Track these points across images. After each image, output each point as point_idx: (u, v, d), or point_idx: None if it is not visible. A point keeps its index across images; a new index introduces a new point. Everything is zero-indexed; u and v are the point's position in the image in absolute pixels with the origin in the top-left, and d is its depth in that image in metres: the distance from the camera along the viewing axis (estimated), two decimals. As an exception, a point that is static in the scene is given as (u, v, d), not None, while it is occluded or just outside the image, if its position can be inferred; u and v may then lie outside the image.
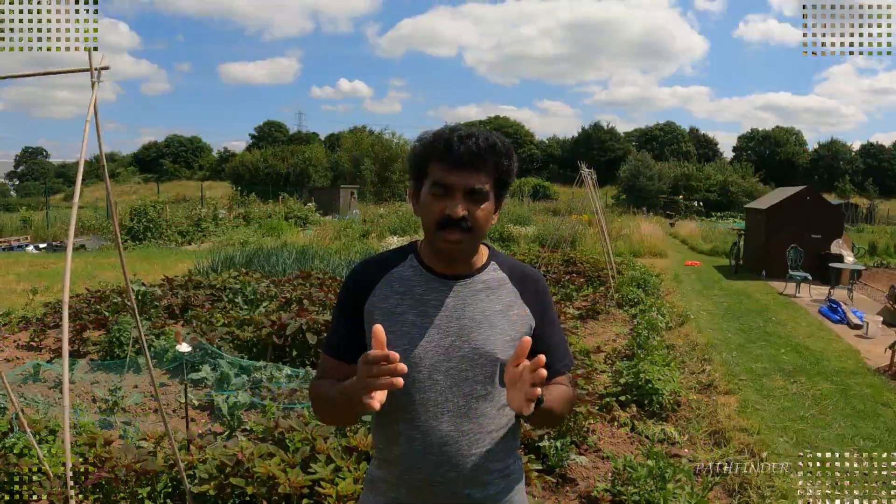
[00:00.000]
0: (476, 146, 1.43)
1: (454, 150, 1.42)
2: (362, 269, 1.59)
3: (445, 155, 1.43)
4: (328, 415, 1.58)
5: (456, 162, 1.43)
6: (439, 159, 1.45)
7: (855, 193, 55.51)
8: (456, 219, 1.42)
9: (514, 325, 1.54)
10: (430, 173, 1.46)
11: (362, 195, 39.11)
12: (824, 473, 3.31)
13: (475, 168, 1.43)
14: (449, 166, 1.43)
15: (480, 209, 1.45)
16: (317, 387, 1.57)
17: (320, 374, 1.60)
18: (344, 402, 1.40)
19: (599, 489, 3.70)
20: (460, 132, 1.45)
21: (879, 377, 6.26)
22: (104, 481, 3.18)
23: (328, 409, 1.53)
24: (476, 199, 1.44)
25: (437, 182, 1.44)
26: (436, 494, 1.50)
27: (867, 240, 20.63)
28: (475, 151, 1.42)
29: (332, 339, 1.59)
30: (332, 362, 1.58)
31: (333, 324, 1.61)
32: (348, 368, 1.53)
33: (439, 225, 1.44)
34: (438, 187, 1.44)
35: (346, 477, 3.18)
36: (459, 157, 1.42)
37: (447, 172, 1.43)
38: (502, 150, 1.47)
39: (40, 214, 23.65)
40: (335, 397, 1.44)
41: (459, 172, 1.43)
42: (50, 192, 32.78)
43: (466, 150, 1.42)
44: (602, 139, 68.47)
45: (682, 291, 11.63)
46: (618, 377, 5.41)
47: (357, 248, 15.41)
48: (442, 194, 1.44)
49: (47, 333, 7.02)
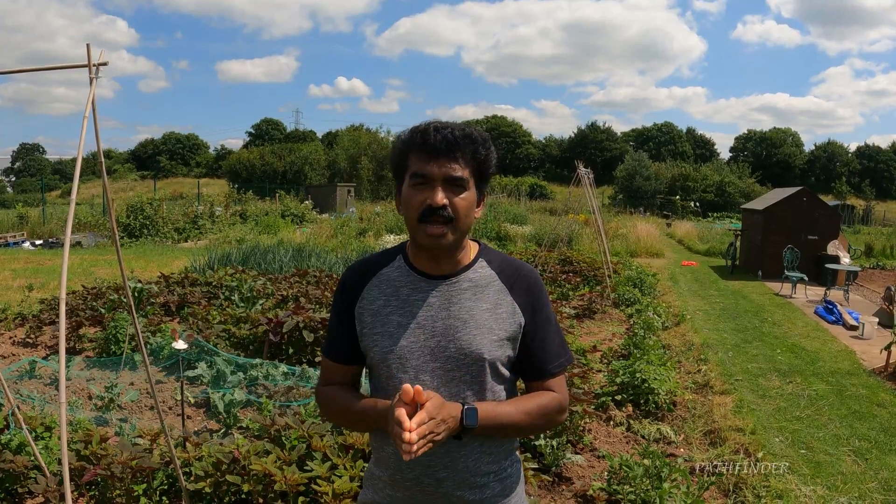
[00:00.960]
0: (452, 135, 1.44)
1: (430, 140, 1.43)
2: (353, 272, 1.60)
3: (423, 145, 1.44)
4: (346, 424, 1.73)
5: (433, 151, 1.43)
6: (417, 151, 1.45)
7: (851, 195, 55.71)
8: (436, 207, 1.42)
9: (502, 323, 1.52)
10: (410, 166, 1.47)
11: (359, 193, 39.08)
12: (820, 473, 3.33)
13: (452, 157, 1.43)
14: (427, 155, 1.44)
15: (460, 198, 1.45)
16: (327, 393, 1.60)
17: (326, 380, 1.64)
18: (371, 422, 1.51)
19: (595, 488, 3.70)
20: (436, 124, 1.46)
21: (875, 378, 6.28)
22: (100, 478, 3.18)
23: (349, 419, 1.58)
24: (455, 189, 1.44)
25: (416, 172, 1.44)
26: (428, 495, 1.50)
27: (863, 241, 20.70)
28: (451, 140, 1.43)
29: (330, 343, 1.62)
30: (332, 365, 1.62)
31: (330, 326, 1.63)
32: (348, 369, 1.61)
33: (421, 217, 1.44)
34: (417, 177, 1.44)
35: (343, 475, 3.18)
36: (436, 146, 1.43)
37: (425, 162, 1.44)
38: (479, 139, 1.47)
39: (36, 211, 23.56)
40: (365, 412, 1.51)
41: (437, 161, 1.43)
42: (46, 189, 32.66)
43: (443, 139, 1.43)
44: (599, 139, 68.54)
45: (678, 291, 11.65)
46: (614, 377, 5.42)
47: (354, 246, 15.40)
48: (421, 184, 1.44)
49: (43, 330, 6.99)
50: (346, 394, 1.57)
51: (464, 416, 1.40)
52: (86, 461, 3.32)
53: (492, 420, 1.44)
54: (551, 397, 1.56)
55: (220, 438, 4.07)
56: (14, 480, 3.38)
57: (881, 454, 4.47)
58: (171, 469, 3.36)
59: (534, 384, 1.58)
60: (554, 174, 64.79)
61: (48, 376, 5.65)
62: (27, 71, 2.62)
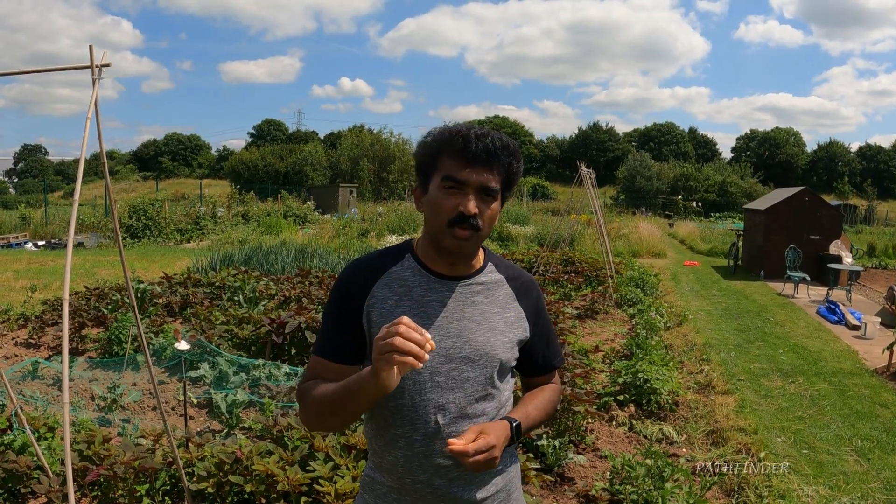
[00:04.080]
0: (493, 144, 1.42)
1: (471, 147, 1.41)
2: (357, 270, 1.55)
3: (463, 151, 1.42)
4: (322, 413, 1.44)
5: (472, 158, 1.41)
6: (455, 155, 1.43)
7: (854, 195, 55.62)
8: (468, 216, 1.41)
9: (512, 326, 1.55)
10: (442, 168, 1.44)
11: (361, 194, 39.09)
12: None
13: (489, 166, 1.42)
14: (465, 162, 1.42)
15: (490, 209, 1.44)
16: (307, 388, 1.47)
17: (310, 377, 1.51)
18: (348, 395, 1.34)
19: (597, 488, 3.70)
20: (476, 130, 1.44)
21: (877, 378, 6.27)
22: (103, 478, 3.18)
23: (324, 406, 1.42)
24: (487, 198, 1.43)
25: (451, 177, 1.42)
26: (439, 497, 1.48)
27: (866, 241, 20.66)
28: (492, 150, 1.42)
29: (327, 341, 1.52)
30: (324, 363, 1.50)
31: (326, 326, 1.54)
32: (342, 370, 1.48)
33: (451, 222, 1.42)
34: (451, 182, 1.42)
35: (345, 475, 3.19)
36: (476, 154, 1.41)
37: (461, 167, 1.42)
38: (513, 152, 1.47)
39: (39, 212, 23.59)
40: (337, 391, 1.37)
41: (475, 169, 1.41)
42: (49, 190, 32.72)
43: (484, 148, 1.41)
44: (601, 139, 68.53)
45: (680, 291, 11.65)
46: (616, 377, 5.42)
47: (356, 247, 15.40)
48: (454, 189, 1.42)
49: (46, 331, 7.01)
50: (328, 384, 1.45)
51: (514, 434, 1.49)
52: (89, 461, 3.32)
53: (527, 427, 1.55)
54: (554, 389, 1.70)
55: (222, 439, 4.08)
56: (17, 480, 3.38)
57: (884, 454, 4.46)
58: (174, 469, 3.36)
59: (538, 379, 1.70)
60: (556, 174, 64.80)
61: (51, 377, 5.66)
62: (30, 72, 2.63)
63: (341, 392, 1.36)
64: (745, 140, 72.15)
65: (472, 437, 1.39)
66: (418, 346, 1.20)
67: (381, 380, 1.23)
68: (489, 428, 1.42)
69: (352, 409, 1.37)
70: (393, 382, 1.23)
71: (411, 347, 1.19)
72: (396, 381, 1.24)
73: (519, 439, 1.51)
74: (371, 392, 1.27)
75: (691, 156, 65.56)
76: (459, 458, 1.35)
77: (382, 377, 1.22)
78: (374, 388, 1.25)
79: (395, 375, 1.23)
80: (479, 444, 1.36)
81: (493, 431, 1.41)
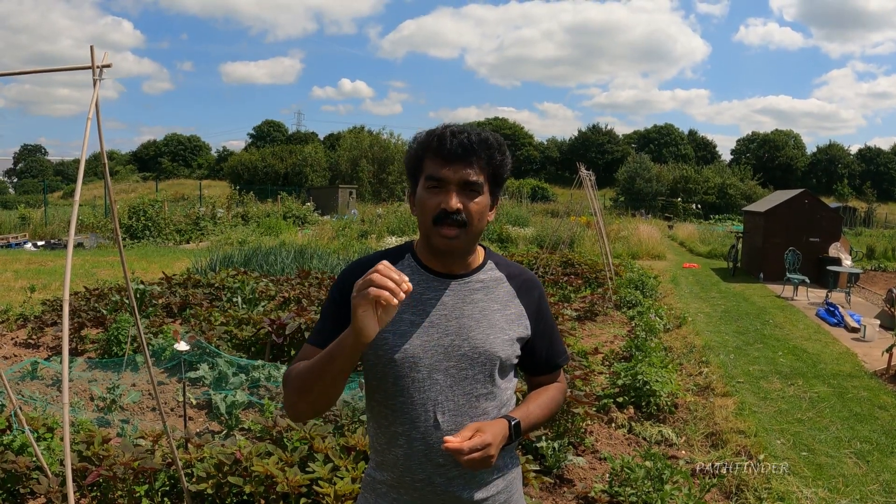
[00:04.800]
0: (468, 140, 1.44)
1: (447, 144, 1.44)
2: (357, 270, 1.53)
3: (439, 149, 1.45)
4: (303, 389, 1.40)
5: (449, 155, 1.44)
6: (433, 154, 1.46)
7: (853, 197, 55.67)
8: (450, 212, 1.43)
9: (512, 323, 1.56)
10: (425, 169, 1.47)
11: (360, 195, 39.10)
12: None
13: (468, 161, 1.44)
14: (442, 160, 1.44)
15: (475, 203, 1.46)
16: (292, 369, 1.47)
17: (298, 360, 1.50)
18: (327, 358, 1.33)
19: (597, 490, 3.70)
20: (452, 128, 1.47)
21: (876, 380, 6.28)
22: (102, 479, 3.18)
23: (306, 378, 1.39)
24: (470, 193, 1.45)
25: (431, 176, 1.45)
26: (438, 496, 1.49)
27: (865, 243, 20.66)
28: (468, 145, 1.44)
29: (320, 333, 1.51)
30: (315, 350, 1.47)
31: (324, 316, 1.54)
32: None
33: (435, 220, 1.44)
34: (432, 181, 1.45)
35: (345, 476, 3.19)
36: (452, 150, 1.43)
37: (440, 166, 1.44)
38: (494, 145, 1.48)
39: (38, 212, 23.57)
40: (317, 358, 1.36)
41: (453, 166, 1.44)
42: (48, 190, 32.72)
43: (459, 144, 1.43)
44: (600, 141, 68.55)
45: (679, 293, 11.65)
46: (615, 379, 5.42)
47: (356, 248, 15.40)
48: (436, 188, 1.45)
49: (45, 331, 7.01)
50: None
51: (512, 433, 1.48)
52: (88, 462, 3.32)
53: (527, 426, 1.55)
54: (558, 388, 1.70)
55: (221, 440, 4.08)
56: (16, 481, 3.38)
57: (882, 456, 4.46)
58: (173, 470, 3.36)
59: (542, 378, 1.70)
60: (555, 176, 64.81)
61: (50, 377, 5.66)
62: (31, 73, 2.63)
63: (321, 357, 1.36)
64: (744, 142, 72.23)
65: (468, 434, 1.39)
66: (395, 283, 1.21)
67: (359, 318, 1.22)
68: (486, 426, 1.42)
69: (330, 372, 1.34)
70: (369, 324, 1.22)
71: (387, 283, 1.20)
72: (374, 327, 1.23)
73: (518, 438, 1.51)
74: (348, 344, 1.26)
75: (691, 158, 65.58)
76: (454, 455, 1.36)
77: (359, 315, 1.22)
78: (351, 336, 1.25)
79: (372, 316, 1.22)
80: (474, 442, 1.36)
81: (489, 429, 1.41)
